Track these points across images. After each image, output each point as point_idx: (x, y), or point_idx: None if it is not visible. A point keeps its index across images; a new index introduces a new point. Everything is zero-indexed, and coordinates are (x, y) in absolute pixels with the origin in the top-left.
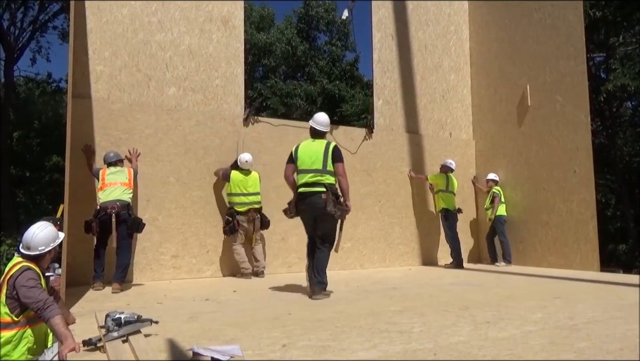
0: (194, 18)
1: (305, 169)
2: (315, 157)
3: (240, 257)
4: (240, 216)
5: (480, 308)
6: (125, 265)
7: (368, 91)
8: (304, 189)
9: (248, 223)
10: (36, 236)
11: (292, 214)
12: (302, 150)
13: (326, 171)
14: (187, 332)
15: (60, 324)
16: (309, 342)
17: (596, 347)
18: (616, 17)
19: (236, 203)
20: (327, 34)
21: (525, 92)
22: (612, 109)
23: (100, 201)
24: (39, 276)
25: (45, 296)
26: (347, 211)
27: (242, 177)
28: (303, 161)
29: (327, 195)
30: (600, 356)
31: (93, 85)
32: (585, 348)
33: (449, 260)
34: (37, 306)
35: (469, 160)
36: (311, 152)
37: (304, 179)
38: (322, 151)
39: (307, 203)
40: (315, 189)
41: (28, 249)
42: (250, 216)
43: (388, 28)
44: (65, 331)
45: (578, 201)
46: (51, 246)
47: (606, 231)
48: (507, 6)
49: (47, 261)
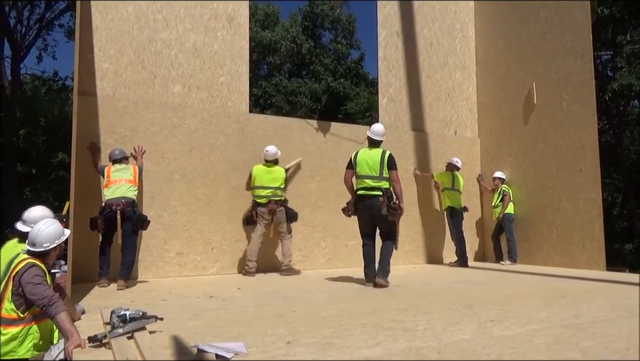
0: (199, 16)
1: (364, 175)
2: (373, 164)
3: (250, 253)
4: (261, 208)
5: (485, 306)
6: (131, 262)
7: (373, 89)
8: (363, 192)
9: (268, 214)
10: (41, 233)
11: (350, 213)
12: (361, 157)
13: (382, 177)
14: (192, 329)
15: (65, 320)
16: (313, 339)
17: (601, 346)
18: (624, 15)
19: (257, 196)
20: (332, 32)
21: (531, 90)
22: (618, 108)
23: (106, 198)
24: (45, 272)
25: (51, 293)
26: (401, 212)
27: (265, 170)
28: (362, 168)
29: (384, 198)
30: (606, 355)
31: (99, 83)
32: (590, 347)
33: (454, 259)
34: (42, 303)
35: (474, 158)
36: (369, 159)
37: (363, 184)
38: (379, 159)
39: (366, 205)
40: (373, 193)
41: (33, 245)
42: (270, 207)
43: (394, 26)
44: (70, 327)
45: (584, 200)
46: (56, 243)
47: (612, 230)
48: (513, 4)
49: (53, 258)
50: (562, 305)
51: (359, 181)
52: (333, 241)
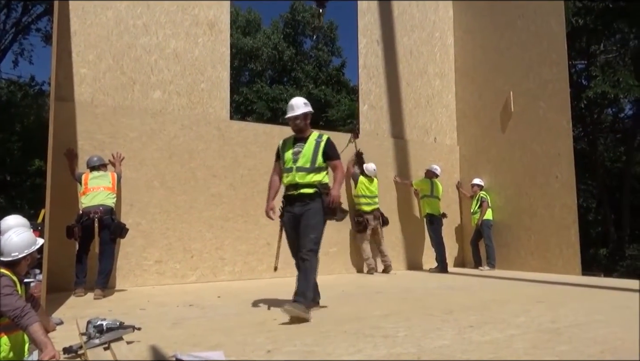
0: (180, 22)
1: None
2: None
3: (366, 254)
4: (368, 215)
5: (465, 312)
6: (108, 271)
7: (354, 96)
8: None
9: (374, 220)
10: (10, 242)
11: None
12: None
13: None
14: (171, 338)
15: (39, 331)
16: (294, 348)
17: (577, 350)
18: (597, 25)
19: (363, 204)
20: (314, 39)
21: (508, 98)
22: (593, 116)
23: (83, 206)
24: (15, 283)
25: (23, 304)
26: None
27: (368, 182)
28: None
29: None
30: (581, 359)
31: (77, 88)
32: (567, 351)
33: (434, 264)
34: (14, 314)
35: (454, 165)
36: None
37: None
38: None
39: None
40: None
41: (1, 255)
42: (375, 214)
43: (374, 34)
44: (44, 338)
45: (560, 206)
46: (26, 253)
47: (587, 236)
48: (492, 14)
49: (24, 267)
50: (539, 309)
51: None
52: None
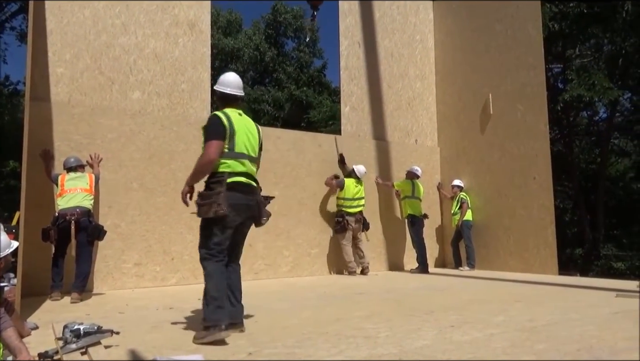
0: (160, 21)
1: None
2: (253, 140)
3: (348, 256)
4: (350, 217)
5: (445, 312)
6: (85, 274)
7: (335, 98)
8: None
9: (356, 222)
10: None
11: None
12: (239, 124)
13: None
14: (150, 342)
15: (12, 337)
16: (275, 350)
17: (554, 349)
18: (573, 30)
19: (347, 206)
20: (295, 41)
21: (487, 100)
22: (569, 118)
23: (59, 208)
24: None
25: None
26: None
27: (355, 185)
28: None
29: None
30: (558, 357)
31: (53, 88)
32: (544, 349)
33: (415, 265)
34: None
35: (434, 166)
36: (249, 132)
37: (244, 167)
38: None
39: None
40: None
41: None
42: (357, 217)
43: (355, 36)
44: (18, 344)
45: (538, 207)
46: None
47: (564, 236)
48: (471, 17)
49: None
50: (517, 308)
51: (236, 163)
52: (296, 249)
